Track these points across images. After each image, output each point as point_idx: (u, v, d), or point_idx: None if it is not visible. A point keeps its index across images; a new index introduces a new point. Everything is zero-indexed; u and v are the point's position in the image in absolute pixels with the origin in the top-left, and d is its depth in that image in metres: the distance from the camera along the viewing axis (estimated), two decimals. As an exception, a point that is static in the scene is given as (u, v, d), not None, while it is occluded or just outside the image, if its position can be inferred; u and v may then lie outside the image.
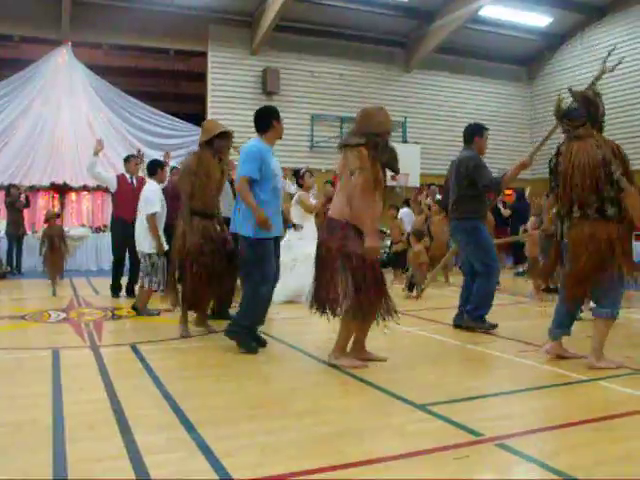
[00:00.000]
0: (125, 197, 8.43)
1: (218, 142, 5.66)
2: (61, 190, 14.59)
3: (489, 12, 15.95)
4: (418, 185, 15.33)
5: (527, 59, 18.86)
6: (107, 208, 15.11)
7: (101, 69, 15.30)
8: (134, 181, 8.64)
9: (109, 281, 8.72)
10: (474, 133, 6.26)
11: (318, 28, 16.31)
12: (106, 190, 14.80)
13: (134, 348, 5.22)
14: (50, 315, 7.12)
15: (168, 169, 8.38)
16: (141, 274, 7.04)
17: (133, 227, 7.21)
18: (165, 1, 14.62)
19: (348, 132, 4.79)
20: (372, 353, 4.74)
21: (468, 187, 6.01)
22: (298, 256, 7.93)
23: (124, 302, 8.05)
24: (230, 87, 15.65)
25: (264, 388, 4.10)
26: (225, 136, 5.72)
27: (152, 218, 6.79)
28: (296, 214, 8.27)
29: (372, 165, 4.32)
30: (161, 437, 3.13)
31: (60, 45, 14.72)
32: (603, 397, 3.87)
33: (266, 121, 5.15)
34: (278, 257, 5.34)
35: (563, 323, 4.72)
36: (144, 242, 6.93)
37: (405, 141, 16.90)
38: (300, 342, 5.35)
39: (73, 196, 14.91)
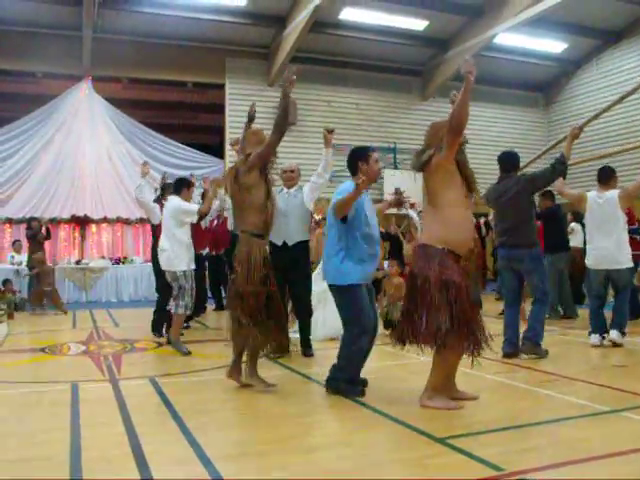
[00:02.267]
0: None
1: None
2: (82, 222, 14.76)
3: (503, 40, 15.99)
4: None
5: (543, 85, 18.87)
6: (127, 240, 15.28)
7: (121, 102, 15.54)
8: None
9: (129, 312, 8.73)
10: (519, 160, 6.38)
11: (334, 59, 16.47)
12: (126, 222, 15.05)
13: (153, 381, 5.21)
14: (70, 348, 7.15)
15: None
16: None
17: None
18: (182, 35, 14.85)
19: (416, 152, 4.44)
20: (464, 392, 4.48)
21: (529, 210, 6.11)
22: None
23: (145, 335, 8.00)
24: (248, 118, 15.77)
25: (281, 422, 4.06)
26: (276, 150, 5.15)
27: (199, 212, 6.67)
28: None
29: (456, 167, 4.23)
30: (178, 472, 3.12)
31: (81, 80, 14.99)
32: (628, 429, 3.79)
33: (353, 164, 4.80)
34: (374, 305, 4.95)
35: None
36: (175, 259, 6.54)
37: (422, 169, 16.89)
38: (319, 375, 5.30)
39: (93, 228, 15.07)
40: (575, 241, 10.74)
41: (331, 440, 3.63)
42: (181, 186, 6.89)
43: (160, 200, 8.03)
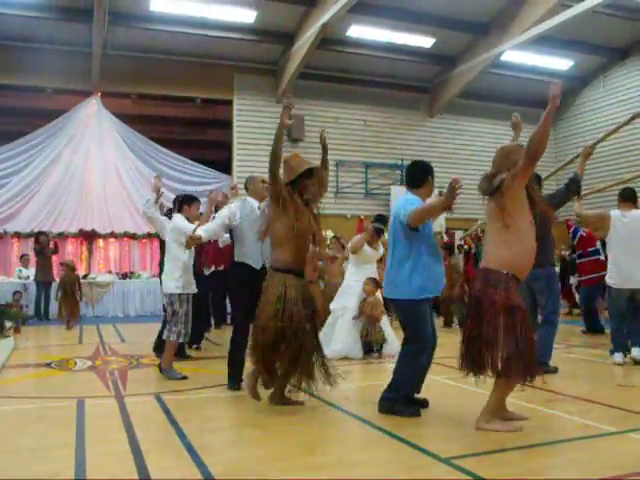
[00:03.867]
0: None
1: (305, 182, 4.82)
2: (89, 237, 14.83)
3: (510, 57, 16.08)
4: (443, 230, 15.24)
5: (550, 102, 18.88)
6: (134, 255, 15.33)
7: (129, 118, 15.66)
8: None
9: (135, 327, 8.68)
10: (541, 180, 6.56)
11: (342, 75, 16.56)
12: (133, 237, 15.09)
13: (158, 398, 5.21)
14: (76, 363, 7.16)
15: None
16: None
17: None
18: (191, 51, 14.99)
19: (486, 176, 4.33)
20: (514, 412, 4.41)
21: (547, 229, 6.15)
22: (349, 304, 7.57)
23: (151, 351, 7.97)
24: (255, 134, 15.88)
25: (288, 440, 4.05)
26: (313, 174, 4.86)
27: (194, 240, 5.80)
28: (355, 260, 7.86)
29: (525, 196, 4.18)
30: (183, 491, 3.11)
31: (90, 96, 15.12)
32: (635, 451, 3.76)
33: (422, 176, 4.76)
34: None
35: None
36: (169, 281, 6.15)
37: (429, 185, 16.93)
38: (325, 393, 5.28)
39: (101, 242, 15.13)
40: None
41: (336, 459, 3.61)
42: (182, 203, 6.52)
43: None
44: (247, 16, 14.23)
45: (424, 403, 4.75)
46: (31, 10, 13.11)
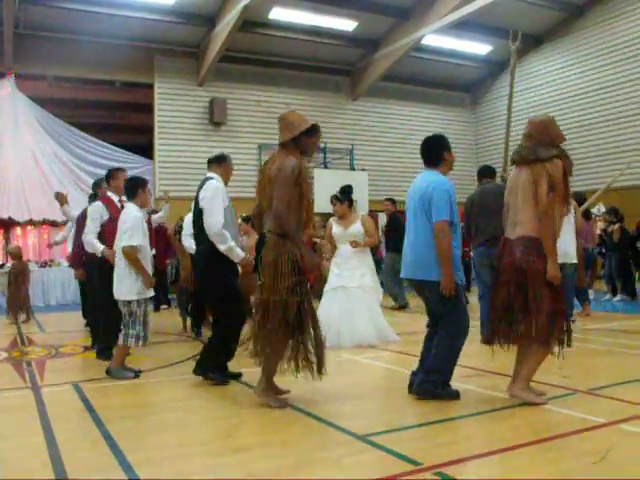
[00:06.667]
0: (114, 227, 5.76)
1: (307, 140, 4.40)
2: (6, 225, 14.29)
3: (431, 41, 16.32)
4: (367, 212, 15.43)
5: (470, 85, 19.33)
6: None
7: (46, 101, 15.11)
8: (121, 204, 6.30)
9: (55, 317, 8.46)
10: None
11: (264, 58, 16.45)
12: (52, 224, 14.60)
13: (77, 387, 5.11)
14: (-10, 355, 6.94)
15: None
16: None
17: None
18: (110, 32, 14.55)
19: (525, 146, 4.30)
20: (534, 387, 4.45)
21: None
22: (336, 285, 7.18)
23: (72, 340, 7.85)
24: (177, 118, 15.63)
25: (208, 424, 4.06)
26: (316, 132, 4.45)
27: (132, 251, 5.33)
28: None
29: (564, 177, 4.17)
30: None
31: (3, 77, 14.51)
32: (542, 419, 3.94)
33: (438, 152, 4.61)
34: None
35: None
36: (121, 286, 5.44)
37: (352, 168, 17.09)
38: (245, 374, 5.29)
39: (18, 231, 14.61)
40: None
41: (255, 440, 3.64)
42: (136, 188, 5.60)
43: (95, 198, 7.06)
44: (167, -3, 13.94)
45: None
46: None
